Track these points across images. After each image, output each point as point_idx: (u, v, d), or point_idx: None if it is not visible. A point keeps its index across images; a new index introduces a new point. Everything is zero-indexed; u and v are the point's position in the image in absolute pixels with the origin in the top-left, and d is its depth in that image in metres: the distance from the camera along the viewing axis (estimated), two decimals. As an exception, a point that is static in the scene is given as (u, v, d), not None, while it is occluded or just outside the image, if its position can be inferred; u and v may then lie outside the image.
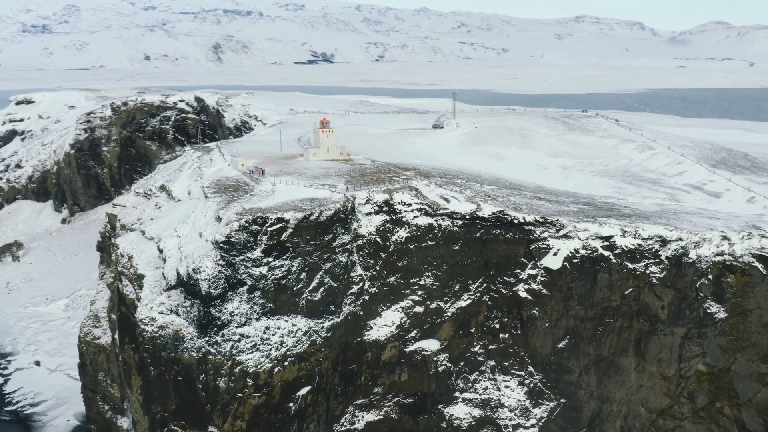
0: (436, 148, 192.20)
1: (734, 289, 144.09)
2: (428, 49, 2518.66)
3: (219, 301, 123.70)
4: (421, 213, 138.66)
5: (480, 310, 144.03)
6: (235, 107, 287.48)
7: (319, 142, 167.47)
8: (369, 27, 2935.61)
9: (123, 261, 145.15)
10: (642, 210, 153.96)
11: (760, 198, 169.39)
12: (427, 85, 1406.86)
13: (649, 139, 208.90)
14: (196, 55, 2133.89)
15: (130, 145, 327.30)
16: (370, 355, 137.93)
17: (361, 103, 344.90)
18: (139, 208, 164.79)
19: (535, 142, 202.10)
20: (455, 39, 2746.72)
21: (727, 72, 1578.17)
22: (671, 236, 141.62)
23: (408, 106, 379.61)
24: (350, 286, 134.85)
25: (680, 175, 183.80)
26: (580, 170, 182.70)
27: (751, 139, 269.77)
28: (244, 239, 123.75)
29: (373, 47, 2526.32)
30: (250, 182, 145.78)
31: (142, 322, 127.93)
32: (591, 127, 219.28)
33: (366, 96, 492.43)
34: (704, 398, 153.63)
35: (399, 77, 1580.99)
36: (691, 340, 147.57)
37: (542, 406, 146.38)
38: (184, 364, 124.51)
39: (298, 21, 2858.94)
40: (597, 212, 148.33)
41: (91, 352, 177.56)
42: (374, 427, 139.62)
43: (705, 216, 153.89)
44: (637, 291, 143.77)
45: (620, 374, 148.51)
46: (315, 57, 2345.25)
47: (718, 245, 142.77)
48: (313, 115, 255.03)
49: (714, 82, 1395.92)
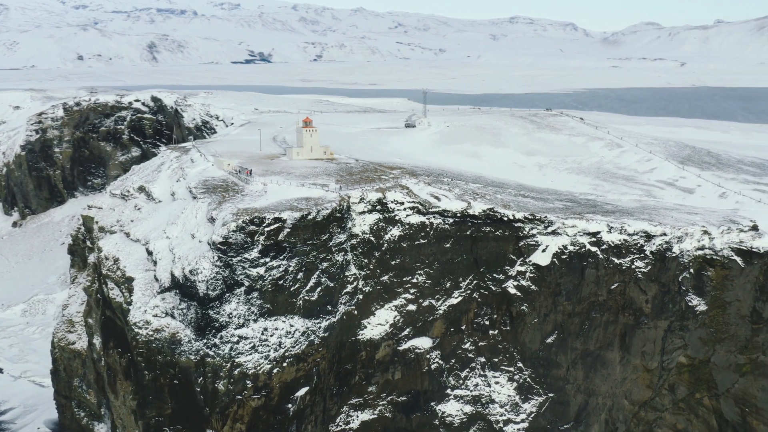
0: (412, 146, 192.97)
1: (714, 283, 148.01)
2: (366, 49, 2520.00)
3: (217, 302, 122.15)
4: (414, 211, 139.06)
5: (470, 307, 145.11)
6: (195, 107, 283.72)
7: (302, 141, 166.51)
8: (306, 27, 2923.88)
9: (108, 264, 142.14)
10: (623, 206, 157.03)
11: (731, 193, 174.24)
12: (367, 85, 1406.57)
13: (617, 137, 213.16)
14: (131, 55, 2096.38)
15: (84, 146, 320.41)
16: (364, 354, 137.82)
17: (322, 103, 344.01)
18: (117, 210, 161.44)
19: (508, 140, 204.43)
20: (393, 39, 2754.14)
21: (659, 72, 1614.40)
22: (655, 231, 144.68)
23: (368, 106, 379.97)
24: (345, 286, 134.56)
25: (651, 171, 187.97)
26: (555, 168, 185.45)
27: (703, 136, 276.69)
28: (241, 240, 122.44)
29: (310, 47, 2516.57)
30: (239, 182, 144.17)
31: (135, 325, 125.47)
32: (559, 126, 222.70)
33: (326, 96, 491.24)
34: (684, 389, 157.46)
35: (339, 77, 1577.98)
36: (674, 333, 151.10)
37: (531, 400, 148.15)
38: (181, 367, 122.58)
39: (234, 20, 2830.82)
40: (582, 209, 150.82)
41: (65, 358, 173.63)
42: (369, 426, 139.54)
43: (683, 211, 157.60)
44: (623, 286, 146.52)
45: (606, 368, 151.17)
46: (252, 56, 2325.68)
47: (699, 240, 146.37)
48: (279, 115, 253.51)
49: (647, 81, 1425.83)
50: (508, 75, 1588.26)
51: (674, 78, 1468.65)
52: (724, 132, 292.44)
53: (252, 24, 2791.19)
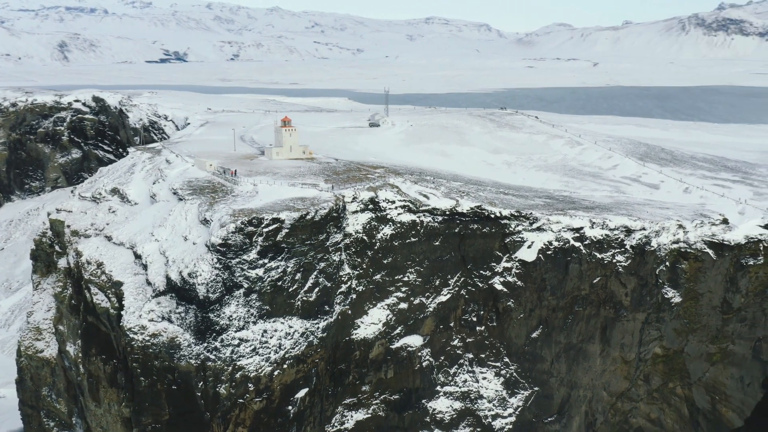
0: (382, 145, 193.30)
1: (688, 275, 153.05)
2: (284, 49, 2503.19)
3: (217, 305, 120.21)
4: (405, 210, 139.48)
5: (458, 304, 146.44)
6: (141, 107, 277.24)
7: (281, 140, 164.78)
8: (221, 26, 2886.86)
9: (90, 269, 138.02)
10: (599, 202, 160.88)
11: (693, 188, 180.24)
12: (288, 84, 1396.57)
13: (575, 135, 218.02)
14: (41, 54, 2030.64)
15: (20, 149, 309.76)
16: (358, 353, 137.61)
17: (269, 102, 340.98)
18: (89, 213, 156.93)
19: (472, 139, 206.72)
20: (310, 39, 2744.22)
21: (573, 72, 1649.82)
22: (635, 226, 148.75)
23: (314, 105, 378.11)
24: (339, 285, 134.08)
25: (615, 168, 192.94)
26: (523, 166, 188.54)
27: (645, 134, 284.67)
28: (240, 241, 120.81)
29: (227, 46, 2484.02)
30: (227, 183, 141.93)
31: (130, 331, 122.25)
32: (517, 124, 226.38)
33: (272, 96, 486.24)
34: (659, 380, 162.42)
35: (258, 76, 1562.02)
36: (650, 324, 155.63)
37: (518, 395, 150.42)
38: (181, 372, 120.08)
39: (147, 19, 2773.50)
40: (563, 205, 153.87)
41: (33, 367, 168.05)
42: (363, 426, 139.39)
43: (655, 206, 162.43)
44: (605, 279, 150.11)
45: (587, 360, 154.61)
46: (167, 56, 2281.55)
47: (675, 233, 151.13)
48: (235, 115, 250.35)
49: (563, 81, 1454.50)
50: (428, 75, 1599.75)
51: (588, 78, 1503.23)
52: (663, 129, 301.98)
53: (165, 23, 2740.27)
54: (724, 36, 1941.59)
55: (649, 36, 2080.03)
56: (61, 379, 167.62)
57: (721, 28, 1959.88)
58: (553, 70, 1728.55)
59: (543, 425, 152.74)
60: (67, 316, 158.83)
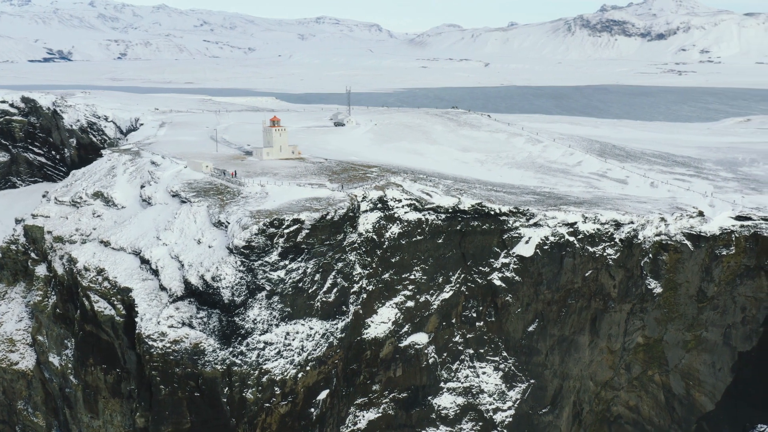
0: (354, 144, 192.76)
1: (668, 266, 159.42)
2: (173, 47, 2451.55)
3: (242, 308, 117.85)
4: (411, 208, 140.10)
5: (459, 301, 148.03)
6: (78, 108, 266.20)
7: (272, 140, 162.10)
8: (106, 24, 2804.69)
9: (89, 276, 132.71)
10: (583, 197, 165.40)
11: (658, 183, 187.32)
12: (183, 83, 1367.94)
13: (533, 133, 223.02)
14: None
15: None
16: (369, 353, 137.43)
17: (208, 102, 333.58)
18: (71, 218, 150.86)
19: (438, 138, 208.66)
20: (199, 37, 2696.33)
21: (467, 72, 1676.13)
22: (624, 220, 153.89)
23: (252, 105, 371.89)
24: (352, 285, 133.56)
25: (580, 164, 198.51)
26: (495, 163, 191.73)
27: (580, 131, 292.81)
28: (262, 243, 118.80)
29: (114, 45, 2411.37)
30: (230, 185, 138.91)
31: (149, 338, 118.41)
32: (475, 123, 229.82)
33: (209, 96, 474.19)
34: (639, 368, 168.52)
35: (149, 75, 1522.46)
36: (635, 315, 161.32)
37: (516, 388, 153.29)
38: (206, 378, 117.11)
39: (27, 17, 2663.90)
40: (553, 201, 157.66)
41: (7, 380, 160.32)
42: (374, 425, 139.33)
43: (633, 201, 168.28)
44: (596, 272, 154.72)
45: (578, 352, 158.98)
46: (51, 55, 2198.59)
47: (657, 226, 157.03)
48: (185, 115, 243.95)
49: (459, 81, 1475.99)
50: (325, 74, 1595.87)
51: (482, 78, 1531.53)
52: (594, 127, 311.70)
53: (47, 21, 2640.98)
54: (608, 37, 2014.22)
55: (536, 37, 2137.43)
56: (38, 392, 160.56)
57: (605, 29, 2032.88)
58: (447, 71, 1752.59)
59: (538, 416, 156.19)
60: (48, 326, 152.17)
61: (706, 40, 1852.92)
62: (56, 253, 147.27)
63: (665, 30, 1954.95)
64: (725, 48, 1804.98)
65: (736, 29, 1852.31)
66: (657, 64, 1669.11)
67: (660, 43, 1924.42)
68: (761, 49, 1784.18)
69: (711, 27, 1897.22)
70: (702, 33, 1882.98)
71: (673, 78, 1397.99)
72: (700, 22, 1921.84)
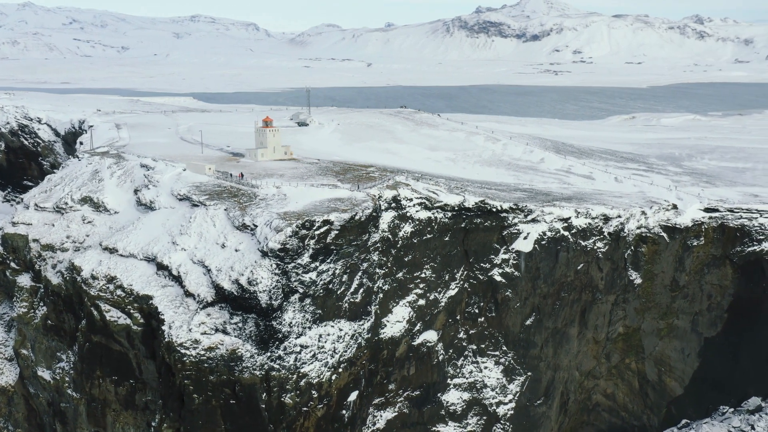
0: (326, 144, 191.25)
1: (647, 257, 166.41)
2: (42, 46, 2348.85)
3: (278, 312, 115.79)
4: (422, 207, 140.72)
5: (463, 297, 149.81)
6: (6, 109, 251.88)
7: (265, 141, 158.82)
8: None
9: (98, 284, 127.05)
10: (566, 193, 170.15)
11: (622, 178, 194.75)
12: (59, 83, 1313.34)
13: (489, 132, 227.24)
14: None
15: None
16: (386, 352, 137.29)
17: (139, 103, 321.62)
18: (58, 225, 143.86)
19: (404, 137, 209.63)
20: (69, 36, 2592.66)
21: (350, 72, 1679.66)
22: (612, 214, 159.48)
23: (183, 105, 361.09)
24: (374, 285, 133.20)
25: (543, 161, 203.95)
26: (466, 161, 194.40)
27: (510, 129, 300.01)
28: (296, 245, 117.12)
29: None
30: (243, 187, 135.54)
31: (181, 346, 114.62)
32: (431, 122, 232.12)
33: (136, 96, 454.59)
34: (617, 356, 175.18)
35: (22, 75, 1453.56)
36: (618, 305, 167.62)
37: (515, 381, 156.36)
38: (243, 384, 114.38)
39: None
40: (543, 197, 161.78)
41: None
42: (391, 424, 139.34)
43: (611, 195, 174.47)
44: (587, 266, 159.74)
45: (568, 343, 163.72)
46: None
47: (639, 219, 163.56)
48: (133, 116, 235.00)
49: (345, 81, 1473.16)
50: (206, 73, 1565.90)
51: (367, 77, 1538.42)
52: (522, 126, 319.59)
53: None
54: (486, 38, 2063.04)
55: (416, 38, 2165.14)
56: (20, 408, 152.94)
57: (482, 30, 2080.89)
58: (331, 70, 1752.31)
59: (534, 408, 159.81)
60: (36, 339, 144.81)
61: (578, 41, 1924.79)
62: (47, 262, 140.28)
63: (539, 31, 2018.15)
64: (596, 48, 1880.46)
65: (606, 30, 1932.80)
66: (533, 65, 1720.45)
67: (535, 44, 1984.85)
68: (630, 49, 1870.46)
69: (582, 28, 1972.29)
70: (574, 34, 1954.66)
71: (550, 78, 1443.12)
72: (572, 24, 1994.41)
